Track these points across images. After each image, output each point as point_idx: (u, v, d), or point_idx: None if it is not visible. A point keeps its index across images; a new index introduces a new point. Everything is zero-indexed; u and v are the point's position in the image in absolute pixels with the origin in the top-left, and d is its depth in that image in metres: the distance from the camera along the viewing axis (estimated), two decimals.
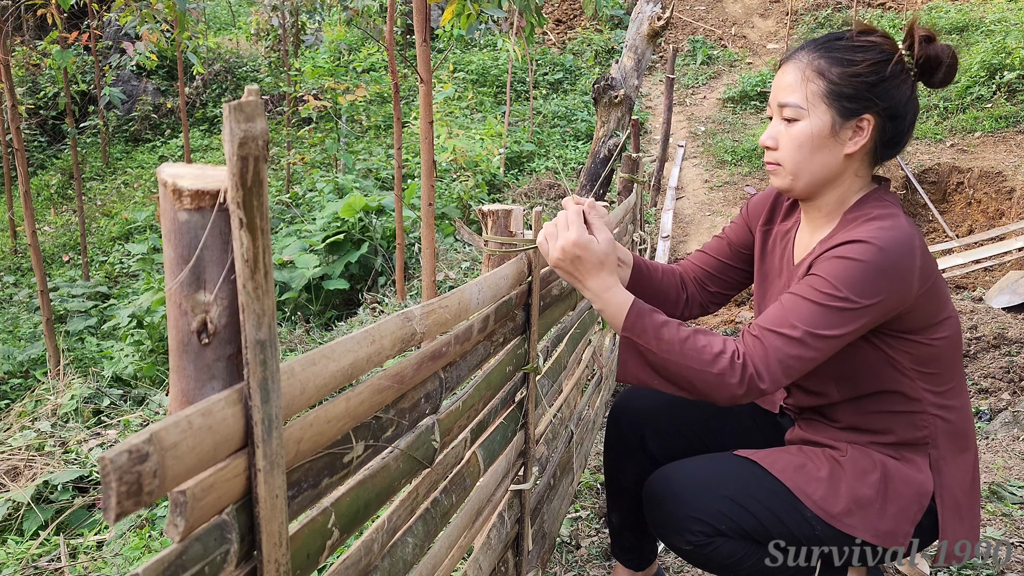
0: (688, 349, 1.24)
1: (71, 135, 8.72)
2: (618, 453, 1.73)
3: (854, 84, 1.31)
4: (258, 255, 0.61)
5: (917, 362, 1.36)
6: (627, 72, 5.10)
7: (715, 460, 1.48)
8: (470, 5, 3.63)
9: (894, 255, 1.25)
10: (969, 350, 4.00)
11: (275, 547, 0.68)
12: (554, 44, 13.09)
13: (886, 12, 11.75)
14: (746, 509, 1.37)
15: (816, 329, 1.24)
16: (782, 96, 1.36)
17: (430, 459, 1.06)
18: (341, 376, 0.77)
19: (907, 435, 1.40)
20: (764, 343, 1.24)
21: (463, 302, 1.13)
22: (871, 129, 1.33)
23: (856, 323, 1.25)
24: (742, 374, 1.22)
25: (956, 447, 1.42)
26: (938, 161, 7.62)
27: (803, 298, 1.26)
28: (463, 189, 7.79)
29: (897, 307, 1.29)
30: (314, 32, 12.78)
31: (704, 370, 1.22)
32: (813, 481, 1.38)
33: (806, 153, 1.35)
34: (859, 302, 1.24)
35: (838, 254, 1.27)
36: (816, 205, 1.43)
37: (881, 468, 1.39)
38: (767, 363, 1.23)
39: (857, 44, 1.33)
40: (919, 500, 1.38)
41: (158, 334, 5.89)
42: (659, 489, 1.45)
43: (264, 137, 0.60)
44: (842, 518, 1.36)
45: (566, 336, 2.09)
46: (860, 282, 1.24)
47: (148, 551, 2.61)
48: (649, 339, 1.26)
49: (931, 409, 1.39)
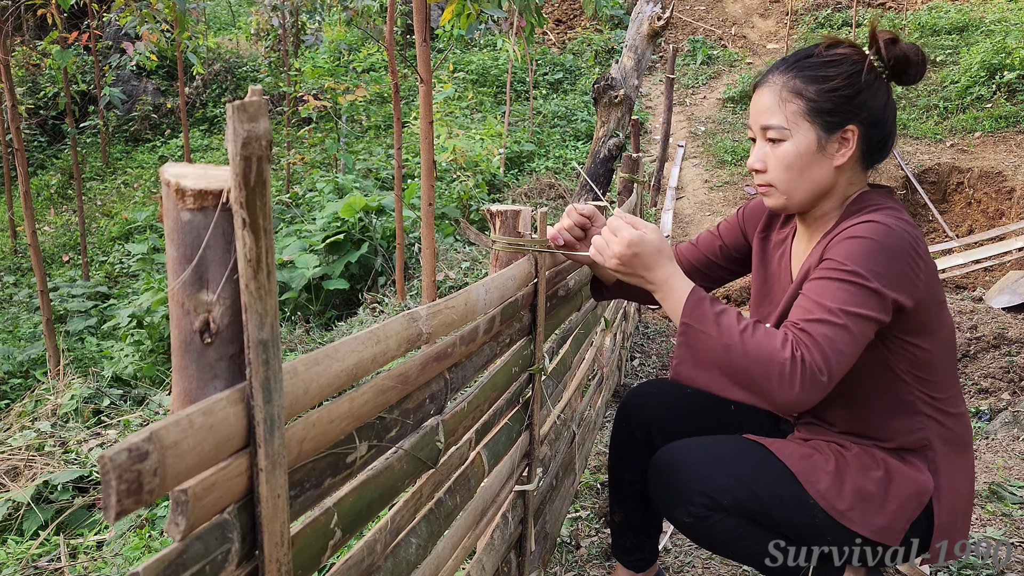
0: (748, 338, 1.17)
1: (71, 135, 8.72)
2: (624, 450, 1.74)
3: (832, 99, 1.32)
4: (261, 255, 0.61)
5: (914, 366, 1.38)
6: (627, 72, 5.10)
7: (725, 440, 1.49)
8: (470, 5, 3.63)
9: (902, 238, 1.27)
10: (969, 350, 4.00)
11: (277, 547, 0.68)
12: (554, 44, 13.09)
13: (886, 12, 11.75)
14: (750, 488, 1.37)
15: (849, 307, 1.20)
16: (763, 119, 1.37)
17: (434, 460, 1.05)
18: (345, 376, 0.77)
19: (905, 440, 1.41)
20: (811, 334, 1.18)
21: (470, 303, 1.12)
22: (856, 139, 1.34)
23: (877, 304, 1.22)
24: (803, 369, 1.15)
25: (953, 452, 1.43)
26: (938, 161, 7.62)
27: (826, 280, 1.24)
28: (463, 189, 7.79)
29: (905, 295, 1.27)
30: (314, 32, 12.77)
31: (770, 359, 1.15)
32: (819, 472, 1.39)
33: (796, 172, 1.36)
34: (872, 281, 1.22)
35: (849, 235, 1.28)
36: (813, 215, 1.44)
37: (884, 466, 1.40)
38: (823, 353, 1.16)
39: (827, 59, 1.35)
40: (918, 499, 1.39)
41: (158, 334, 5.89)
42: (667, 460, 1.45)
43: (267, 137, 0.60)
44: (844, 511, 1.37)
45: (571, 337, 2.09)
46: (873, 258, 1.24)
47: (148, 551, 2.61)
48: (709, 325, 1.20)
49: (928, 412, 1.40)
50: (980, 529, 2.36)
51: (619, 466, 1.76)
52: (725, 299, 5.57)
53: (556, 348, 1.90)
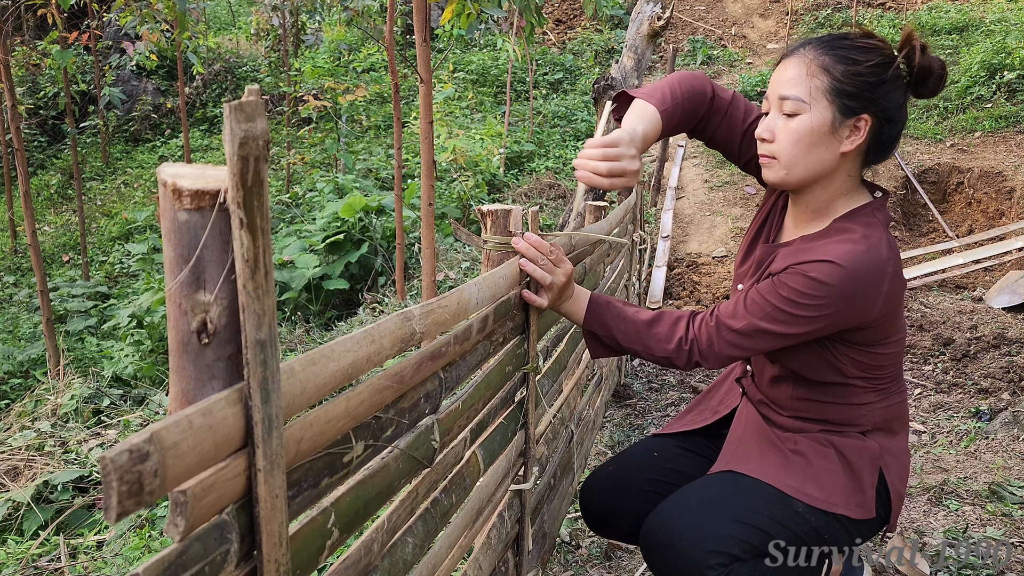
0: (647, 338, 1.45)
1: (71, 135, 8.72)
2: (600, 529, 1.75)
3: (856, 83, 1.33)
4: (258, 255, 0.61)
5: (861, 368, 1.42)
6: (627, 72, 5.10)
7: (700, 488, 1.48)
8: (470, 5, 3.63)
9: (861, 281, 1.30)
10: (969, 350, 4.00)
11: (275, 547, 0.68)
12: (554, 44, 13.09)
13: (886, 12, 11.75)
14: (750, 524, 1.37)
15: (768, 327, 1.35)
16: (783, 89, 1.37)
17: (430, 459, 1.06)
18: (341, 376, 0.77)
19: (849, 425, 1.47)
20: (717, 334, 1.40)
21: (462, 302, 1.13)
22: (867, 130, 1.35)
23: (804, 328, 1.33)
24: (688, 358, 1.42)
25: (890, 431, 1.50)
26: (938, 161, 7.62)
27: (764, 299, 1.35)
28: (463, 189, 7.79)
29: (851, 324, 1.35)
30: (314, 32, 12.78)
31: (656, 355, 1.45)
32: (792, 474, 1.44)
33: (804, 148, 1.36)
34: (813, 315, 1.32)
35: (807, 272, 1.32)
36: (804, 199, 1.45)
37: (832, 446, 1.46)
38: (711, 350, 1.40)
39: (860, 45, 1.35)
40: (873, 464, 1.45)
41: (158, 334, 5.89)
42: (660, 534, 1.41)
43: (264, 137, 0.60)
44: (825, 500, 1.41)
45: (566, 336, 2.09)
46: (819, 301, 1.31)
47: (148, 551, 2.61)
48: (613, 333, 1.48)
49: (872, 399, 1.46)
50: (980, 529, 2.36)
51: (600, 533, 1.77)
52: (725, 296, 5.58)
53: (551, 347, 1.90)
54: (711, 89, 1.55)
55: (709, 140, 1.60)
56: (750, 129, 1.55)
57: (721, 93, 1.56)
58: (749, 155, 1.56)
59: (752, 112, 1.57)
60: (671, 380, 4.03)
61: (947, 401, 3.61)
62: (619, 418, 3.55)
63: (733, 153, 1.60)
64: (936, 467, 2.88)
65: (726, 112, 1.56)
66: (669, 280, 5.92)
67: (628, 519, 1.66)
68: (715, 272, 6.08)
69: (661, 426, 3.14)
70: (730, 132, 1.57)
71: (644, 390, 3.91)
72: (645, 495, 1.64)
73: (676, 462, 1.67)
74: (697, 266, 6.21)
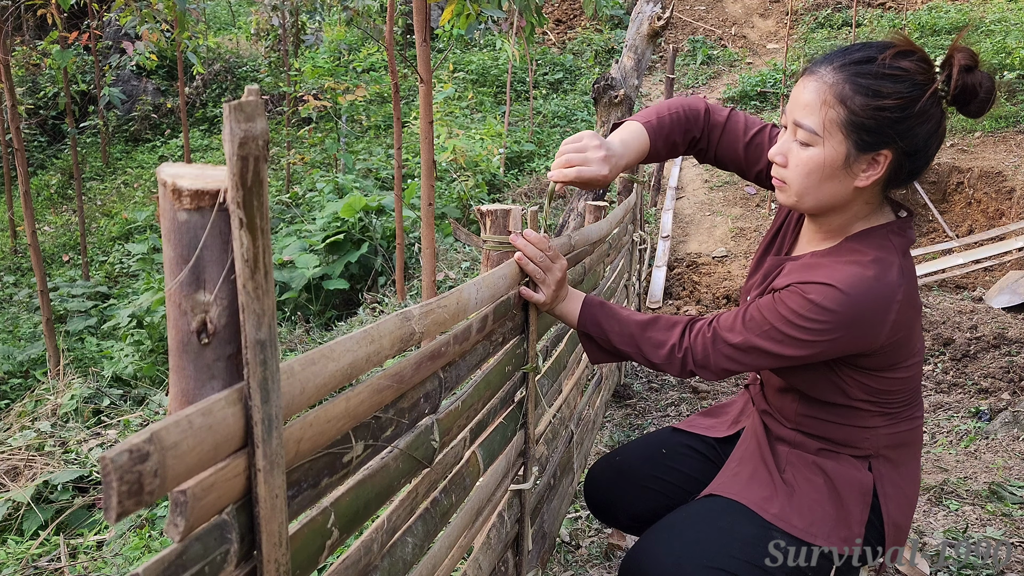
0: (640, 341, 1.43)
1: (71, 135, 8.72)
2: (602, 518, 1.76)
3: (877, 118, 1.21)
4: (258, 255, 0.61)
5: (867, 392, 1.35)
6: (627, 72, 5.10)
7: (680, 523, 1.42)
8: (470, 5, 3.63)
9: (864, 308, 1.23)
10: (969, 350, 4.00)
11: (275, 547, 0.68)
12: (554, 44, 13.09)
13: (886, 12, 11.74)
14: (723, 570, 1.31)
15: (764, 345, 1.31)
16: (798, 115, 1.28)
17: (429, 459, 1.06)
18: (341, 376, 0.77)
19: (852, 447, 1.41)
20: (713, 346, 1.36)
21: (462, 301, 1.13)
22: (886, 164, 1.25)
23: (801, 351, 1.28)
24: (682, 367, 1.40)
25: (896, 457, 1.41)
26: (938, 161, 7.62)
27: (762, 316, 1.31)
28: (463, 189, 7.79)
29: (853, 352, 1.29)
30: (314, 32, 12.77)
31: (650, 360, 1.43)
32: (777, 503, 1.40)
33: (815, 181, 1.28)
34: (811, 339, 1.26)
35: (807, 293, 1.25)
36: (818, 221, 1.39)
37: (823, 474, 1.40)
38: (707, 362, 1.37)
39: (888, 72, 1.21)
40: (864, 497, 1.38)
41: (158, 334, 5.89)
42: (651, 569, 1.36)
43: (264, 137, 0.60)
44: (807, 530, 1.36)
45: (566, 336, 2.09)
46: (818, 326, 1.25)
47: (148, 551, 2.62)
48: (607, 334, 1.46)
49: (879, 424, 1.38)
50: (980, 529, 2.36)
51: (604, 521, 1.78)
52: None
53: (551, 347, 1.90)
54: (704, 106, 1.54)
55: (715, 158, 1.57)
56: (753, 140, 1.51)
57: (717, 109, 1.55)
58: (758, 167, 1.52)
59: (753, 125, 1.53)
60: (671, 380, 4.03)
61: (947, 401, 3.61)
62: (619, 418, 3.55)
63: (741, 167, 1.55)
64: (936, 467, 2.88)
65: (724, 126, 1.53)
66: (669, 280, 5.92)
67: (627, 512, 1.67)
68: (715, 272, 6.09)
69: (660, 426, 3.14)
70: (733, 145, 1.53)
71: (644, 390, 3.91)
72: (646, 492, 1.65)
73: (681, 463, 1.66)
74: (697, 266, 6.21)
